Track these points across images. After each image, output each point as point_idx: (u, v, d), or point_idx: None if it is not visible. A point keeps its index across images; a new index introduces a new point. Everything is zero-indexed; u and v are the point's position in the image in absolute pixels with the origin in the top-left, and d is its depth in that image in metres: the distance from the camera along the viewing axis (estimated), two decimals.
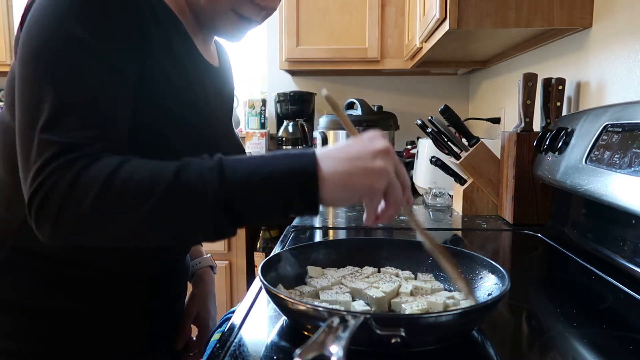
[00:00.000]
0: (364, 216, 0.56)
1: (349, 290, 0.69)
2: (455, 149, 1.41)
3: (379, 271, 0.77)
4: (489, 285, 0.68)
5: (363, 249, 0.81)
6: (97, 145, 0.53)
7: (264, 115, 2.63)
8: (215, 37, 0.86)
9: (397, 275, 0.75)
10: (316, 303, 0.64)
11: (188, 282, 0.92)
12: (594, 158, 0.90)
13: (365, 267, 0.78)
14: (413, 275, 0.75)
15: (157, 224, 0.52)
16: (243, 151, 0.84)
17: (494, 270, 0.69)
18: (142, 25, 0.60)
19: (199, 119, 0.68)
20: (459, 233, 1.26)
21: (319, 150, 0.54)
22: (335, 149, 0.54)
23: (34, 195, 0.51)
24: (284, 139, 2.40)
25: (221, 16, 0.69)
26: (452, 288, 0.72)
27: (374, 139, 0.54)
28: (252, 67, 2.76)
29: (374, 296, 0.66)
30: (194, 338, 0.90)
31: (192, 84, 0.68)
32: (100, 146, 0.53)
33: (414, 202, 0.54)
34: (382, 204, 0.56)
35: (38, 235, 0.53)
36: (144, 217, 0.51)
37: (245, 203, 0.52)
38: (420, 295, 0.69)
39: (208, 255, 0.97)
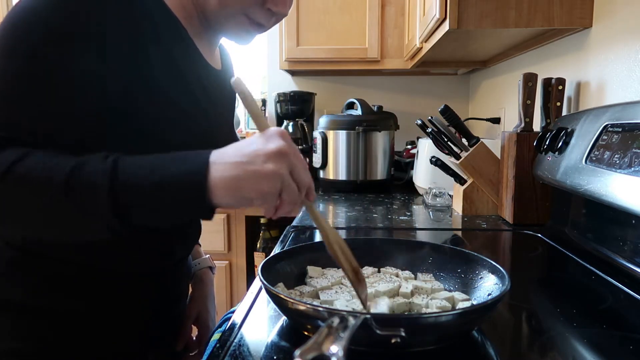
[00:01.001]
0: (263, 210, 0.55)
1: (349, 290, 0.69)
2: (455, 149, 1.41)
3: (379, 271, 0.77)
4: (489, 285, 0.68)
5: (363, 249, 0.81)
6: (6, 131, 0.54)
7: (264, 115, 2.63)
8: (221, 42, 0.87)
9: (397, 275, 0.75)
10: (316, 303, 0.64)
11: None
12: (594, 158, 0.90)
13: (365, 266, 0.78)
14: (413, 275, 0.75)
15: (50, 221, 0.54)
16: None
17: (494, 270, 0.69)
18: (137, 34, 0.60)
19: (199, 122, 0.68)
20: (459, 233, 1.26)
21: (214, 152, 0.53)
22: (230, 150, 0.53)
23: None
24: None
25: (232, 20, 0.69)
26: (452, 288, 0.72)
27: (270, 139, 0.53)
28: (252, 67, 2.77)
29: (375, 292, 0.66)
30: (194, 338, 0.90)
31: (193, 88, 0.68)
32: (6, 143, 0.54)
33: (315, 196, 0.53)
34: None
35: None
36: (36, 213, 0.53)
37: (136, 208, 0.52)
38: (419, 294, 0.69)
39: (207, 256, 0.97)
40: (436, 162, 1.46)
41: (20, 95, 0.55)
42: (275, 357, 0.57)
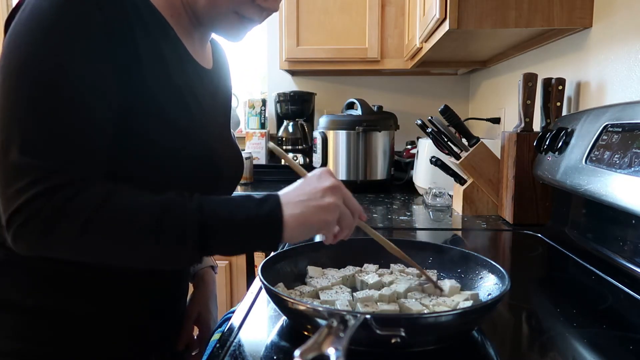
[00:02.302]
0: (322, 238, 0.65)
1: (349, 290, 0.69)
2: (455, 149, 1.41)
3: (388, 267, 0.77)
4: (489, 285, 0.68)
5: (363, 248, 0.81)
6: (73, 169, 0.55)
7: (264, 115, 2.63)
8: (214, 38, 0.86)
9: (403, 271, 0.75)
10: (316, 303, 0.64)
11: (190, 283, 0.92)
12: (594, 158, 0.90)
13: (366, 264, 0.78)
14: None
15: (139, 257, 0.58)
16: (239, 153, 0.84)
17: (494, 270, 0.69)
18: (129, 40, 0.60)
19: (189, 122, 0.68)
20: (459, 233, 1.26)
21: (281, 194, 0.61)
22: (292, 190, 0.62)
23: (15, 214, 0.53)
24: (284, 139, 2.40)
25: (222, 17, 0.69)
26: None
27: (322, 177, 0.62)
28: (252, 67, 2.76)
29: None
30: (195, 338, 0.90)
31: (181, 89, 0.68)
32: (77, 170, 0.56)
33: (367, 217, 0.70)
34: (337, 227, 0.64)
35: (10, 246, 0.56)
36: (128, 250, 0.57)
37: (219, 244, 0.58)
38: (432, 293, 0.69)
39: None
40: (436, 162, 1.46)
41: (59, 118, 0.55)
42: (275, 357, 0.57)
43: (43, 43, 0.55)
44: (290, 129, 2.41)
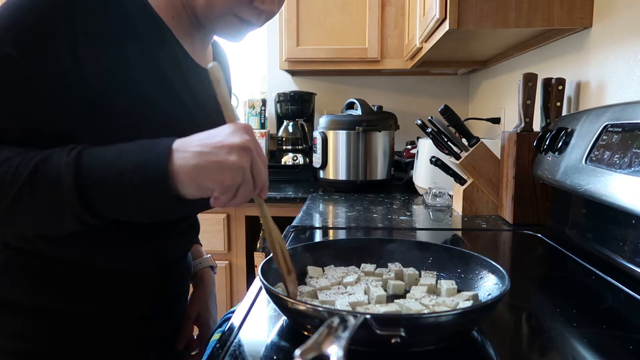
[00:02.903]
0: (210, 200, 0.56)
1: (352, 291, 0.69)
2: (455, 149, 1.41)
3: (385, 266, 0.78)
4: (489, 285, 0.68)
5: (363, 248, 0.81)
6: None
7: (264, 115, 2.63)
8: (216, 39, 0.86)
9: (400, 272, 0.75)
10: (316, 303, 0.64)
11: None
12: (594, 158, 0.90)
13: (364, 264, 0.78)
14: (417, 272, 0.75)
15: (20, 216, 0.55)
16: None
17: (494, 270, 0.69)
18: (113, 34, 0.60)
19: (184, 123, 0.68)
20: (459, 233, 1.26)
21: (178, 140, 0.54)
22: (194, 139, 0.54)
23: None
24: (284, 139, 2.40)
25: (220, 19, 0.69)
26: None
27: (236, 132, 0.54)
28: (252, 67, 2.76)
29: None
30: (195, 338, 0.90)
31: (178, 90, 0.68)
32: None
33: (267, 194, 0.58)
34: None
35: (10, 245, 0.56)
36: (6, 206, 0.54)
37: (100, 198, 0.54)
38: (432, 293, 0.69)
39: (208, 255, 0.97)
40: (436, 162, 1.46)
41: None
42: (275, 357, 0.56)
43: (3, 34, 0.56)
44: (290, 129, 2.41)
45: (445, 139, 1.41)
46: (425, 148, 1.71)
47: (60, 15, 0.57)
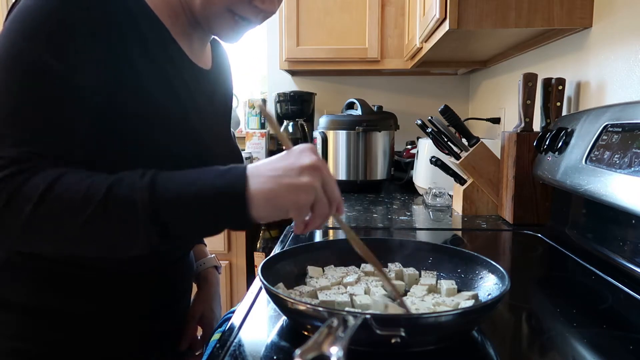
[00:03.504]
0: (294, 227, 0.58)
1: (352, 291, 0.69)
2: (455, 149, 1.41)
3: (385, 266, 0.77)
4: (489, 285, 0.68)
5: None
6: (32, 161, 0.54)
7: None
8: (215, 39, 0.86)
9: (400, 271, 0.75)
10: (316, 303, 0.64)
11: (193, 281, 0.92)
12: (594, 158, 0.90)
13: (363, 264, 0.78)
14: (417, 272, 0.75)
15: (90, 237, 0.54)
16: (239, 154, 0.84)
17: (494, 270, 0.69)
18: (116, 42, 0.60)
19: (184, 124, 0.68)
20: (459, 233, 1.26)
21: (250, 166, 0.55)
22: (265, 164, 0.56)
23: None
24: None
25: (217, 17, 0.69)
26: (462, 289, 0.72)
27: (303, 154, 0.55)
28: (252, 67, 2.76)
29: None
30: (198, 338, 0.90)
31: (176, 90, 0.68)
32: (37, 161, 0.54)
33: (344, 211, 0.61)
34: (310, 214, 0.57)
35: None
36: (78, 230, 0.53)
37: (176, 221, 0.54)
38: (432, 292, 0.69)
39: (212, 255, 0.97)
40: (436, 162, 1.46)
41: (30, 110, 0.55)
42: (275, 357, 0.57)
43: (24, 38, 0.55)
44: (290, 129, 2.41)
45: (445, 139, 1.41)
46: (425, 148, 1.71)
47: (78, 18, 0.57)
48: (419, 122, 1.45)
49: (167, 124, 0.65)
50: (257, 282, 0.78)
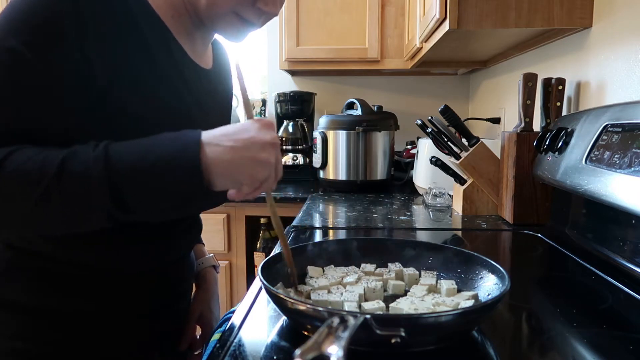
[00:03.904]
0: (230, 192, 0.58)
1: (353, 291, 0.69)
2: (455, 149, 1.41)
3: (385, 266, 0.77)
4: (489, 285, 0.68)
5: (363, 248, 0.81)
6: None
7: (264, 115, 2.63)
8: (217, 38, 0.86)
9: (401, 271, 0.75)
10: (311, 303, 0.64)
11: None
12: (594, 158, 0.90)
13: (364, 264, 0.78)
14: (417, 272, 0.75)
15: (47, 214, 0.54)
16: None
17: (494, 270, 0.69)
18: (111, 42, 0.60)
19: (184, 123, 0.68)
20: (459, 233, 1.26)
21: (204, 133, 0.55)
22: (224, 133, 0.56)
23: None
24: (284, 139, 2.40)
25: (222, 18, 0.69)
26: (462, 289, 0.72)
27: (264, 129, 0.57)
28: (252, 67, 2.76)
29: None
30: (198, 337, 0.90)
31: (176, 90, 0.68)
32: None
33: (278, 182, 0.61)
34: None
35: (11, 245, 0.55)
36: (31, 207, 0.52)
37: (133, 192, 0.53)
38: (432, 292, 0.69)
39: (211, 255, 0.97)
40: (436, 162, 1.46)
41: (5, 97, 0.55)
42: (275, 357, 0.56)
43: (9, 32, 0.55)
44: (290, 129, 2.41)
45: (445, 139, 1.41)
46: (425, 148, 1.71)
47: (69, 14, 0.57)
48: (419, 122, 1.45)
49: (168, 123, 0.65)
50: (257, 282, 0.78)
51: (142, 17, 0.65)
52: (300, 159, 2.35)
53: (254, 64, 2.76)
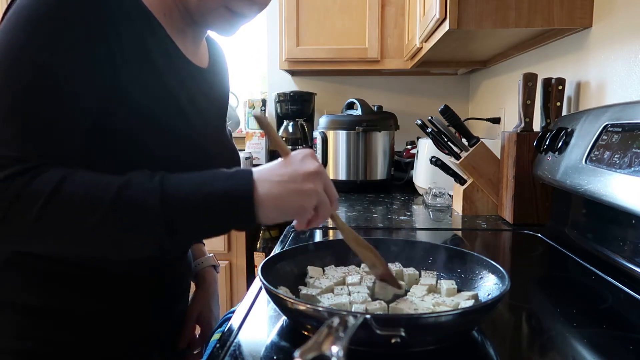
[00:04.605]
0: (294, 222, 0.61)
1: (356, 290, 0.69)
2: (455, 149, 1.41)
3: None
4: (489, 285, 0.68)
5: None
6: (36, 160, 0.54)
7: (264, 114, 2.63)
8: (211, 37, 0.86)
9: (401, 272, 0.75)
10: (320, 300, 0.64)
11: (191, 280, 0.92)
12: (594, 158, 0.90)
13: (363, 264, 0.78)
14: (417, 272, 0.75)
15: (99, 240, 0.55)
16: (236, 153, 0.84)
17: (494, 270, 0.69)
18: (112, 41, 0.60)
19: (180, 123, 0.68)
20: (459, 233, 1.26)
21: (255, 171, 0.58)
22: (269, 170, 0.59)
23: None
24: (284, 139, 2.40)
25: (213, 12, 0.69)
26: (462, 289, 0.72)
27: (305, 160, 0.60)
28: (252, 67, 2.76)
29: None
30: (197, 337, 0.90)
31: (173, 89, 0.68)
32: (40, 160, 0.54)
33: (338, 207, 0.67)
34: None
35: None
36: (86, 232, 0.53)
37: (185, 223, 0.56)
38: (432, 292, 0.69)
39: (211, 254, 0.97)
40: (436, 162, 1.46)
41: (29, 109, 0.55)
42: (275, 357, 0.57)
43: (19, 39, 0.55)
44: (290, 129, 2.41)
45: (445, 139, 1.41)
46: (425, 148, 1.71)
47: (74, 16, 0.57)
48: (419, 122, 1.45)
49: (164, 121, 0.65)
50: (257, 282, 0.78)
51: (136, 15, 0.65)
52: None
53: (254, 64, 2.76)
